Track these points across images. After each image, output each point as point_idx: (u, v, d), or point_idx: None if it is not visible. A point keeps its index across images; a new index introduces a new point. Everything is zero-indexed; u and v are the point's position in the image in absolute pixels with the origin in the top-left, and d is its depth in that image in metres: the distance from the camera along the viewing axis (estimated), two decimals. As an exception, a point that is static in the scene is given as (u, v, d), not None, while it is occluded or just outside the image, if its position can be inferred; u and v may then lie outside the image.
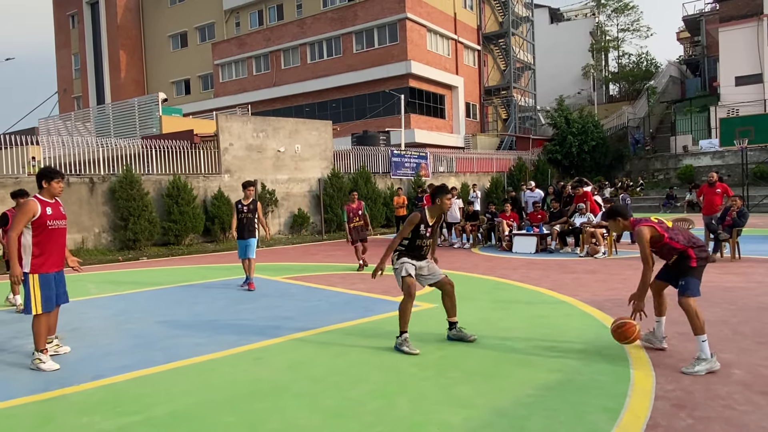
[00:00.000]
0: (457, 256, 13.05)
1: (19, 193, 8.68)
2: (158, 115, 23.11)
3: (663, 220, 5.11)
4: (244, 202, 9.49)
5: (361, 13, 33.15)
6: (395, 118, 29.81)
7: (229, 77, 39.73)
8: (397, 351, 5.37)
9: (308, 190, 20.42)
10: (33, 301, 5.09)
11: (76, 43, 47.90)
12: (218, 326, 6.63)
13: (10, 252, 4.97)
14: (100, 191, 16.05)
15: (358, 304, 7.71)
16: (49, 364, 5.11)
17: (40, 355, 5.13)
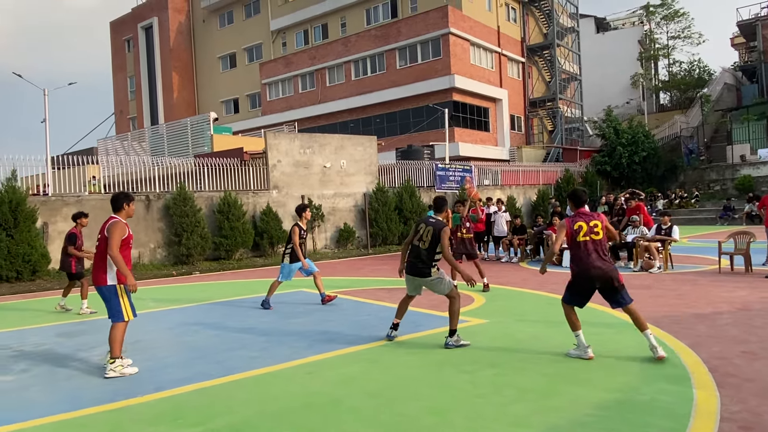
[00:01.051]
0: (505, 271, 12.90)
1: (79, 214, 9.27)
2: (209, 134, 23.90)
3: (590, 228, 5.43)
4: (303, 226, 9.08)
5: (405, 29, 33.49)
6: (439, 132, 29.84)
7: (276, 95, 40.73)
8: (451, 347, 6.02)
9: (353, 204, 20.63)
10: (124, 309, 5.51)
11: (131, 66, 50.17)
12: (271, 340, 6.77)
13: (121, 266, 5.34)
14: (155, 208, 16.68)
15: (407, 319, 7.66)
16: (130, 368, 5.47)
17: (121, 362, 5.47)
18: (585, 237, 5.38)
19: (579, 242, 5.40)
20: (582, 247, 5.41)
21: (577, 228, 5.42)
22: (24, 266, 13.66)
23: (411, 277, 6.36)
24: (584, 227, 5.40)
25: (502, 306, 8.59)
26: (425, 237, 6.21)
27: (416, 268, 6.26)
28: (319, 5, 39.52)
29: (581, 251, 5.41)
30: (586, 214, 5.53)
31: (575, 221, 5.46)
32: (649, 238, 12.16)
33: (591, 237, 5.39)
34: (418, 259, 6.24)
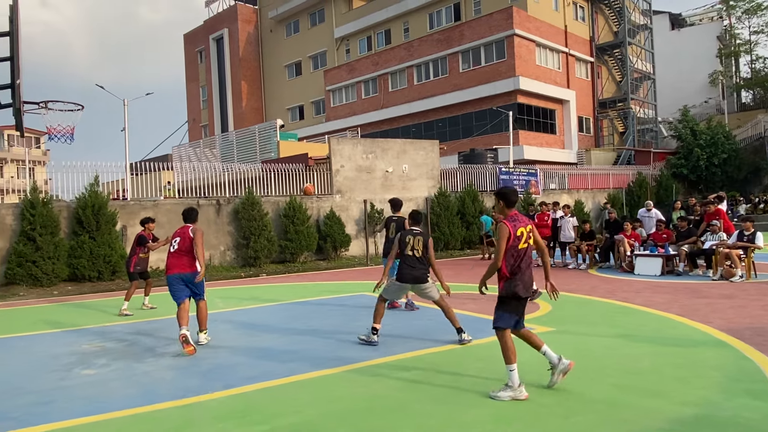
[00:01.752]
0: (573, 278, 12.49)
1: (147, 219, 9.84)
2: (276, 140, 24.63)
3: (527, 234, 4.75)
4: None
5: (468, 32, 33.23)
6: (503, 135, 29.35)
7: (340, 102, 41.42)
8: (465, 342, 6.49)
9: (415, 208, 20.58)
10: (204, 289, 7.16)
11: (203, 76, 52.45)
12: (335, 342, 6.86)
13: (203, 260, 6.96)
14: (225, 212, 17.31)
15: (469, 325, 7.59)
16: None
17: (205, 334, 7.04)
18: (525, 244, 4.73)
19: (520, 250, 4.69)
20: (523, 256, 4.72)
21: (519, 234, 4.70)
22: (105, 267, 14.52)
23: (407, 285, 6.81)
24: (524, 232, 4.74)
25: (570, 314, 8.32)
26: (417, 246, 6.80)
27: (415, 276, 6.73)
28: (383, 11, 39.91)
29: (523, 260, 4.71)
30: (521, 218, 4.82)
31: (517, 226, 4.71)
32: (730, 244, 11.43)
33: (529, 243, 4.79)
34: (417, 266, 6.76)
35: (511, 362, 4.64)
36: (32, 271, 13.75)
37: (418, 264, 6.77)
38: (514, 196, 4.88)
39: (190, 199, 17.40)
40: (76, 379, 5.64)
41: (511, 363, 4.64)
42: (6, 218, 14.29)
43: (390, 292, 6.99)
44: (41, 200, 14.25)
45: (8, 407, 4.75)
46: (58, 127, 6.74)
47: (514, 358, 4.67)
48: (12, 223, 14.28)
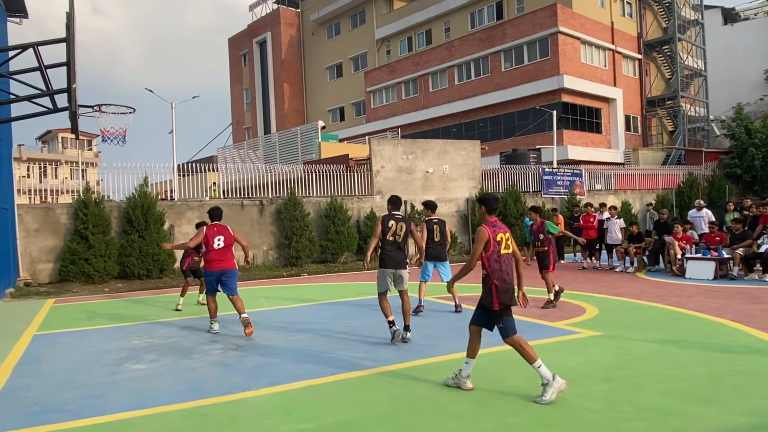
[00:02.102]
0: (620, 281, 12.14)
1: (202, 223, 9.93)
2: (317, 141, 24.88)
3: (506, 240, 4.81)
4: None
5: (510, 30, 32.79)
6: (546, 135, 28.81)
7: (380, 103, 41.53)
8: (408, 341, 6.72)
9: (456, 210, 20.46)
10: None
11: (247, 79, 53.49)
12: (375, 342, 6.86)
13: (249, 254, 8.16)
14: (268, 213, 17.60)
15: (514, 328, 7.48)
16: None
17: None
18: (506, 249, 4.80)
19: (503, 255, 4.75)
20: (507, 261, 4.79)
21: (499, 239, 4.75)
22: (153, 265, 14.96)
23: (391, 271, 6.82)
24: (503, 238, 4.78)
25: (618, 318, 8.08)
26: (399, 232, 6.86)
27: (397, 260, 6.82)
28: (424, 12, 39.80)
29: (504, 265, 4.76)
30: (500, 224, 4.89)
31: (496, 231, 4.77)
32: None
33: (509, 250, 4.84)
34: (398, 251, 6.85)
35: (535, 359, 4.70)
36: (85, 269, 14.30)
37: (398, 250, 6.84)
38: (495, 203, 4.96)
39: (234, 199, 17.76)
40: (126, 373, 5.82)
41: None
42: (61, 217, 14.91)
43: (379, 284, 6.96)
44: (93, 200, 14.81)
45: (63, 400, 4.94)
46: (111, 130, 6.98)
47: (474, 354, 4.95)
48: (66, 222, 14.89)
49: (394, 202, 7.29)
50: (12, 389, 5.32)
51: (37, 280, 14.49)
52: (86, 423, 4.33)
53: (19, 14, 14.32)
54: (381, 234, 6.86)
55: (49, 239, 14.71)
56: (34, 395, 5.11)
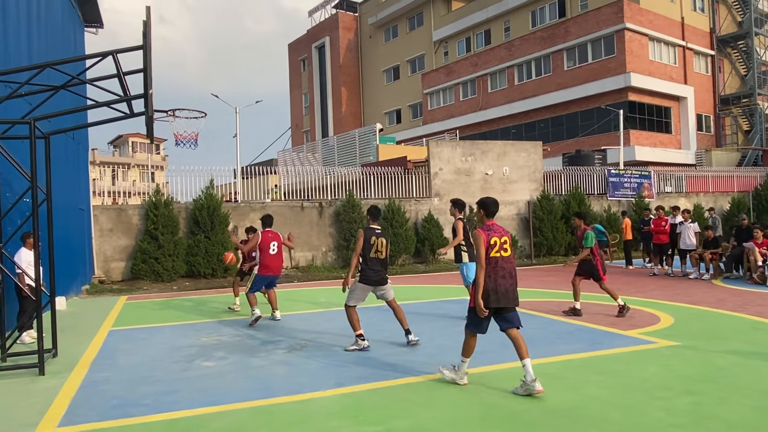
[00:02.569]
0: (696, 289, 11.50)
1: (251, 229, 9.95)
2: (375, 144, 24.99)
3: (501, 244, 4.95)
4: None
5: (574, 28, 31.87)
6: (612, 135, 27.79)
7: (437, 104, 41.30)
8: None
9: (516, 212, 20.02)
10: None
11: (305, 83, 54.48)
12: (440, 346, 6.75)
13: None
14: (327, 214, 17.79)
15: (583, 336, 7.20)
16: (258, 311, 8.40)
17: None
18: (497, 253, 4.94)
19: (493, 258, 4.91)
20: (499, 264, 4.92)
21: (493, 242, 4.93)
22: (218, 264, 15.41)
23: (371, 288, 6.71)
24: (498, 242, 4.95)
25: (696, 328, 7.63)
26: (381, 248, 6.70)
27: (381, 277, 6.72)
28: (483, 12, 39.31)
29: (497, 268, 4.91)
30: (497, 228, 5.05)
31: (491, 235, 4.95)
32: None
33: (501, 254, 4.95)
34: (380, 269, 6.72)
35: (466, 357, 5.09)
36: (155, 267, 14.89)
37: (381, 266, 6.72)
38: (494, 207, 5.15)
39: (294, 201, 18.06)
40: (197, 370, 5.96)
41: (466, 357, 5.09)
42: (132, 218, 15.60)
43: (354, 297, 6.74)
44: (163, 202, 15.41)
45: (140, 394, 5.11)
46: (184, 133, 7.21)
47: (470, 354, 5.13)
48: (138, 222, 15.57)
49: (374, 213, 6.91)
50: (92, 382, 5.56)
51: (110, 278, 15.21)
52: (163, 417, 4.45)
53: (95, 25, 15.12)
54: (363, 251, 6.63)
55: (121, 239, 15.42)
56: (113, 389, 5.31)
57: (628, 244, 16.62)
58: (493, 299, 4.87)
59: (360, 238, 6.66)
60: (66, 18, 12.60)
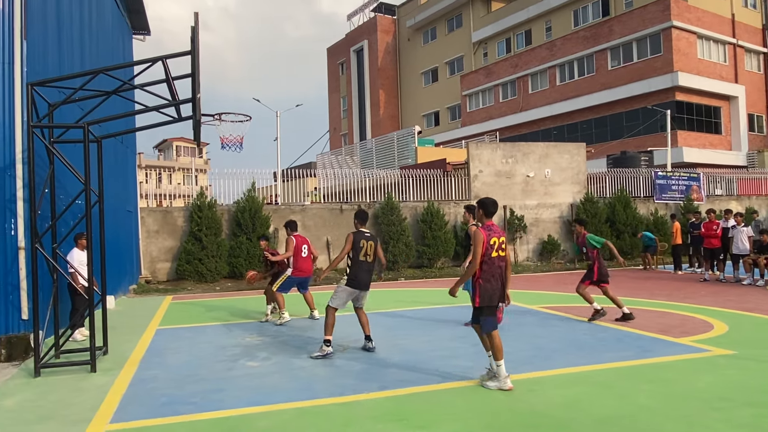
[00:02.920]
0: (750, 295, 11.00)
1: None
2: (414, 146, 24.92)
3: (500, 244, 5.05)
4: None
5: (618, 27, 31.10)
6: (658, 136, 26.98)
7: (476, 106, 40.95)
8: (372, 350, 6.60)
9: (558, 215, 19.63)
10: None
11: (344, 87, 54.87)
12: (483, 351, 6.62)
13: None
14: (366, 216, 17.80)
15: (633, 343, 6.97)
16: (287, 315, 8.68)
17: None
18: (496, 252, 5.05)
19: (493, 258, 5.03)
20: (496, 264, 5.05)
21: (492, 243, 5.03)
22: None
23: (358, 292, 6.58)
24: (497, 242, 5.05)
25: (752, 336, 7.30)
26: (370, 252, 6.57)
27: (368, 282, 6.63)
28: (523, 11, 38.79)
29: (495, 267, 5.04)
30: (496, 228, 5.17)
31: (491, 235, 5.05)
32: None
33: (500, 253, 5.08)
34: (370, 272, 6.64)
35: (499, 359, 5.02)
36: (198, 268, 15.22)
37: (370, 271, 6.64)
38: (493, 207, 5.20)
39: (332, 204, 18.17)
40: (242, 369, 6.03)
41: (499, 360, 5.01)
42: (177, 220, 15.98)
43: (339, 299, 6.59)
44: (207, 204, 15.73)
45: (188, 392, 5.19)
46: (229, 137, 7.34)
47: (501, 355, 5.04)
48: (182, 224, 15.95)
49: (362, 217, 6.80)
50: (141, 380, 5.69)
51: (156, 278, 15.62)
52: (211, 416, 4.50)
53: (142, 32, 15.58)
54: (352, 253, 6.53)
55: (167, 240, 15.82)
56: (161, 386, 5.42)
57: (677, 248, 16.06)
58: (495, 297, 5.06)
59: (349, 241, 6.58)
60: (116, 26, 13.03)
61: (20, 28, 6.92)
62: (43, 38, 7.76)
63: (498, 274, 5.07)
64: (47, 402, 5.04)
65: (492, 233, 5.06)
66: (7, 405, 5.01)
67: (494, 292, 5.05)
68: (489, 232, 5.05)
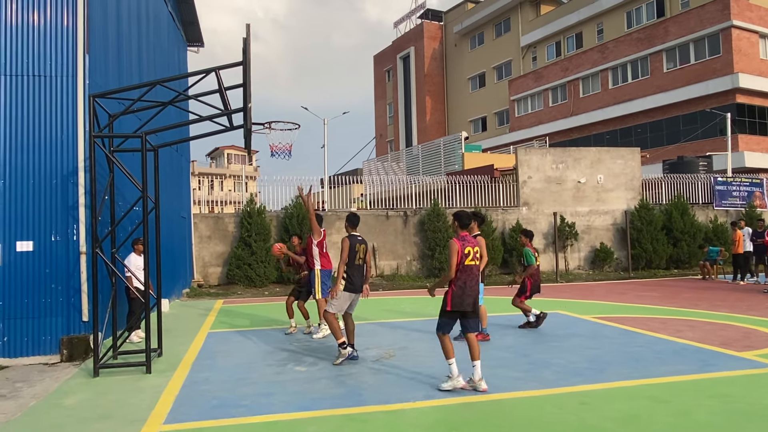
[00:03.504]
0: (821, 308, 10.34)
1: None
2: (461, 152, 24.73)
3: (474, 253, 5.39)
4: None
5: (673, 28, 30.02)
6: (717, 141, 25.84)
7: (525, 111, 40.31)
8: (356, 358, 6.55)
9: (612, 222, 19.04)
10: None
11: (390, 93, 55.11)
12: (533, 361, 6.49)
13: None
14: (411, 223, 17.79)
15: (692, 356, 6.65)
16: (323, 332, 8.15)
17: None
18: (471, 261, 5.38)
19: (468, 266, 5.35)
20: (469, 272, 5.34)
21: (467, 252, 5.37)
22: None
23: (357, 295, 6.64)
24: (471, 251, 5.38)
25: (825, 352, 6.83)
26: (363, 256, 6.65)
27: (362, 284, 6.64)
28: (574, 14, 37.99)
29: (467, 275, 5.33)
30: (470, 239, 5.52)
31: (465, 245, 5.39)
32: None
33: (474, 262, 5.40)
34: (363, 277, 6.68)
35: (450, 357, 5.35)
36: (248, 273, 15.54)
37: (363, 274, 6.70)
38: (467, 219, 5.63)
39: (379, 210, 18.22)
40: (290, 374, 6.10)
41: (450, 358, 5.35)
42: (228, 226, 16.39)
43: (339, 304, 6.51)
44: (256, 210, 16.07)
45: (239, 395, 5.29)
46: (278, 145, 7.47)
47: (452, 354, 5.37)
48: (233, 230, 16.34)
49: (353, 221, 6.80)
50: (194, 382, 5.83)
51: (208, 282, 16.05)
52: (261, 420, 4.57)
53: (196, 44, 16.11)
54: (349, 257, 6.52)
55: (218, 245, 16.24)
56: (213, 389, 5.54)
57: (738, 257, 15.30)
58: (466, 303, 5.30)
59: (345, 246, 6.56)
60: (171, 38, 13.52)
61: (83, 42, 7.27)
62: (104, 52, 8.13)
63: (474, 281, 5.37)
64: (105, 401, 5.24)
65: (466, 243, 5.41)
66: (68, 403, 5.23)
67: (465, 299, 5.30)
68: (463, 243, 5.40)
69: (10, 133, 7.09)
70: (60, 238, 7.10)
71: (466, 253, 5.37)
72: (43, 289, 7.04)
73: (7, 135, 7.08)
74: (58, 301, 7.07)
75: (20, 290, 6.98)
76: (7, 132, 7.08)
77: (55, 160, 7.17)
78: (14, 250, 6.99)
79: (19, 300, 6.97)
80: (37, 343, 7.02)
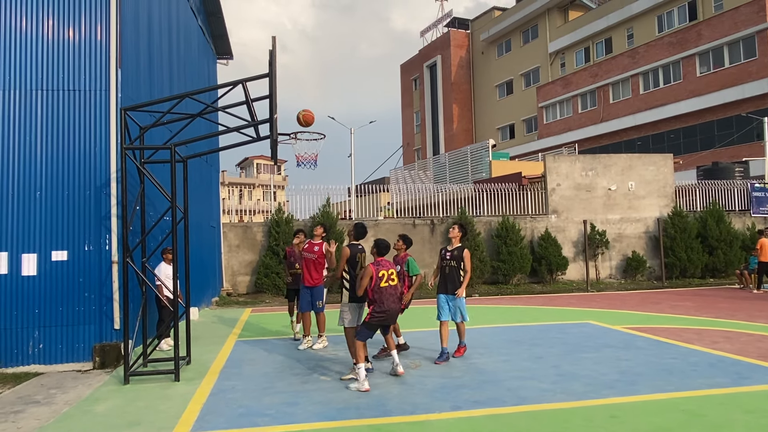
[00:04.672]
0: None
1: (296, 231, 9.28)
2: (488, 160, 24.56)
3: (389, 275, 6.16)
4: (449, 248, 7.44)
5: (706, 31, 29.36)
6: (754, 146, 25.08)
7: (553, 118, 39.86)
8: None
9: (644, 230, 18.61)
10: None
11: (417, 102, 55.18)
12: (562, 373, 6.36)
13: None
14: (438, 231, 17.70)
15: (728, 368, 6.43)
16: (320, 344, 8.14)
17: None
18: (386, 283, 6.10)
19: (381, 288, 6.08)
20: (384, 292, 6.08)
21: (381, 275, 6.10)
22: (334, 280, 15.84)
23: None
24: (385, 275, 6.12)
25: None
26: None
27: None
28: (603, 20, 37.50)
29: (383, 295, 6.07)
30: (386, 263, 6.26)
31: (379, 269, 6.13)
32: None
33: (389, 283, 6.13)
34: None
35: (360, 362, 5.87)
36: (276, 282, 15.66)
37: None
38: (385, 250, 6.35)
39: (406, 218, 18.20)
40: (315, 383, 6.11)
41: (359, 362, 5.86)
42: (257, 235, 16.58)
43: (351, 317, 6.38)
44: (284, 219, 16.22)
45: (264, 405, 5.31)
46: (304, 155, 7.54)
47: (362, 359, 5.93)
48: (261, 239, 16.51)
49: (360, 232, 6.64)
50: (221, 390, 5.89)
51: (237, 291, 16.23)
52: (286, 429, 4.58)
53: (226, 56, 16.42)
54: (349, 267, 6.46)
55: (247, 254, 16.43)
56: (239, 397, 5.58)
57: (764, 265, 14.74)
58: (385, 318, 6.09)
59: (344, 255, 6.47)
60: (201, 51, 13.81)
61: (115, 57, 7.48)
62: (136, 65, 8.34)
63: (393, 299, 6.13)
64: (134, 408, 5.32)
65: (380, 267, 6.14)
66: (99, 410, 5.33)
67: (388, 319, 6.13)
68: (378, 267, 6.13)
69: (47, 146, 7.32)
70: (93, 248, 7.28)
71: (381, 276, 6.08)
72: (77, 297, 7.22)
73: (44, 148, 7.31)
74: (90, 309, 7.24)
75: (55, 299, 7.17)
76: (45, 145, 7.31)
77: (88, 172, 7.37)
78: (50, 259, 7.19)
79: (54, 308, 7.16)
80: (71, 351, 7.19)
